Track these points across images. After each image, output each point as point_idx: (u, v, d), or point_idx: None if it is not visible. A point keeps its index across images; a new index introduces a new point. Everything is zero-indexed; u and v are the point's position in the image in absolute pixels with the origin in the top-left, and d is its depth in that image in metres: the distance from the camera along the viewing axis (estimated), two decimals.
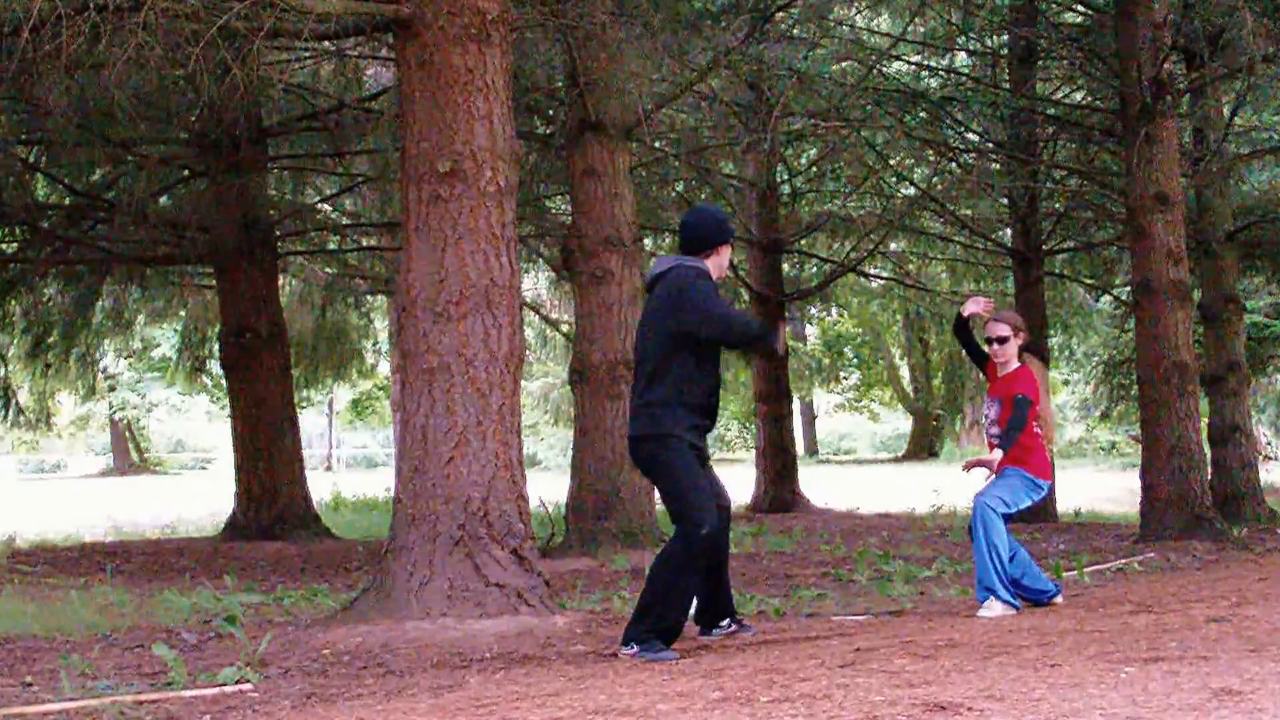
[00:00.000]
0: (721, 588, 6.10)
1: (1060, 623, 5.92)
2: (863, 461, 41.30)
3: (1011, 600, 6.61)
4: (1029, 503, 6.89)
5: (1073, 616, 6.20)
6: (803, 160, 17.33)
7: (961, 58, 16.52)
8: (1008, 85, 15.40)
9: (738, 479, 20.18)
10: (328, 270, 17.53)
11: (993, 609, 6.53)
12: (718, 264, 6.02)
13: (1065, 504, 16.78)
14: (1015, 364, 7.04)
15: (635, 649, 5.63)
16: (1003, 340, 7.02)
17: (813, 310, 31.36)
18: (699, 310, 5.77)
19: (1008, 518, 6.73)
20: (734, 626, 6.15)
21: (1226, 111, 13.85)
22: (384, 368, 33.15)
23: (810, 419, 44.49)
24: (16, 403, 17.65)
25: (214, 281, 14.65)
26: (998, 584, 6.58)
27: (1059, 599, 6.93)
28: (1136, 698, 3.92)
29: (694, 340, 5.78)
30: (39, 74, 7.74)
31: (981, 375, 7.38)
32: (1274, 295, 20.47)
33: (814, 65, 12.80)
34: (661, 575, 5.72)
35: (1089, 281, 18.78)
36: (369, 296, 19.63)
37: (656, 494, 11.86)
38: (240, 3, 6.68)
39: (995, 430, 6.92)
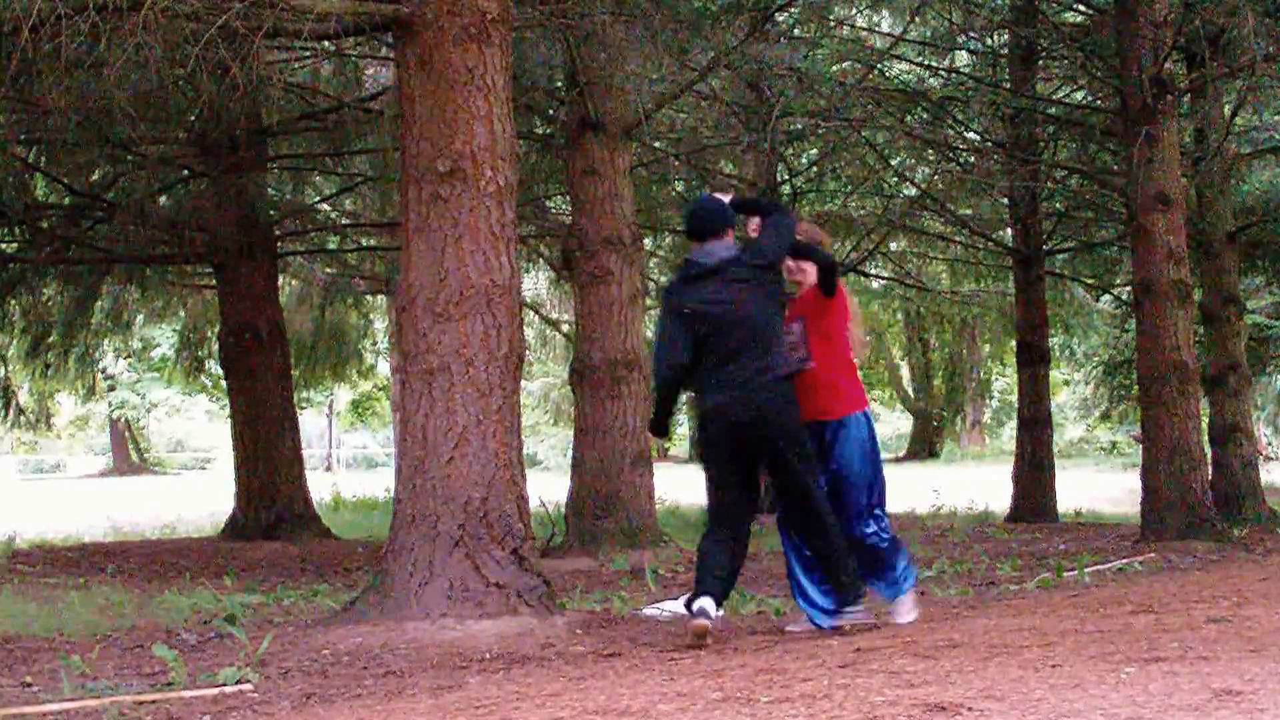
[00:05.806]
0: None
1: (1060, 623, 5.91)
2: None
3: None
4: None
5: (1073, 616, 6.19)
6: (803, 160, 17.31)
7: (962, 58, 16.51)
8: (1008, 85, 15.39)
9: None
10: (328, 270, 17.53)
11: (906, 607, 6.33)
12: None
13: (1065, 504, 16.76)
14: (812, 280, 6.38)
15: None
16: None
17: None
18: None
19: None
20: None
21: (1227, 111, 13.84)
22: (384, 368, 33.17)
23: None
24: (16, 403, 17.66)
25: (214, 281, 14.64)
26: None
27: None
28: (1136, 698, 3.91)
29: None
30: (39, 74, 7.73)
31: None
32: (1274, 295, 20.47)
33: (814, 65, 12.78)
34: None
35: (1089, 281, 18.77)
36: (369, 296, 19.63)
37: (656, 494, 11.95)
38: (240, 3, 6.67)
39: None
